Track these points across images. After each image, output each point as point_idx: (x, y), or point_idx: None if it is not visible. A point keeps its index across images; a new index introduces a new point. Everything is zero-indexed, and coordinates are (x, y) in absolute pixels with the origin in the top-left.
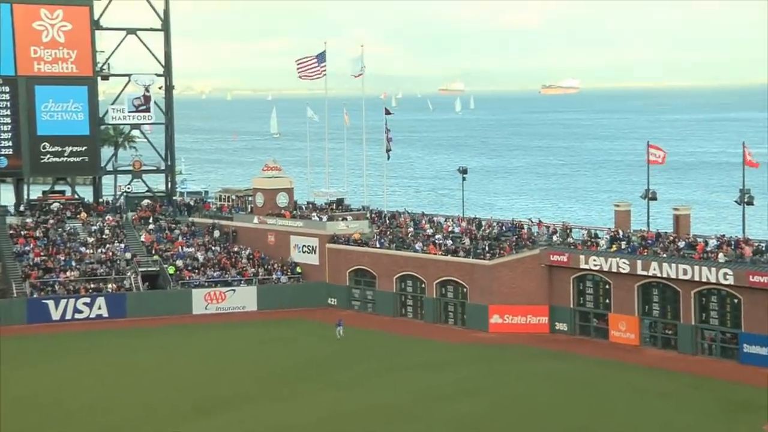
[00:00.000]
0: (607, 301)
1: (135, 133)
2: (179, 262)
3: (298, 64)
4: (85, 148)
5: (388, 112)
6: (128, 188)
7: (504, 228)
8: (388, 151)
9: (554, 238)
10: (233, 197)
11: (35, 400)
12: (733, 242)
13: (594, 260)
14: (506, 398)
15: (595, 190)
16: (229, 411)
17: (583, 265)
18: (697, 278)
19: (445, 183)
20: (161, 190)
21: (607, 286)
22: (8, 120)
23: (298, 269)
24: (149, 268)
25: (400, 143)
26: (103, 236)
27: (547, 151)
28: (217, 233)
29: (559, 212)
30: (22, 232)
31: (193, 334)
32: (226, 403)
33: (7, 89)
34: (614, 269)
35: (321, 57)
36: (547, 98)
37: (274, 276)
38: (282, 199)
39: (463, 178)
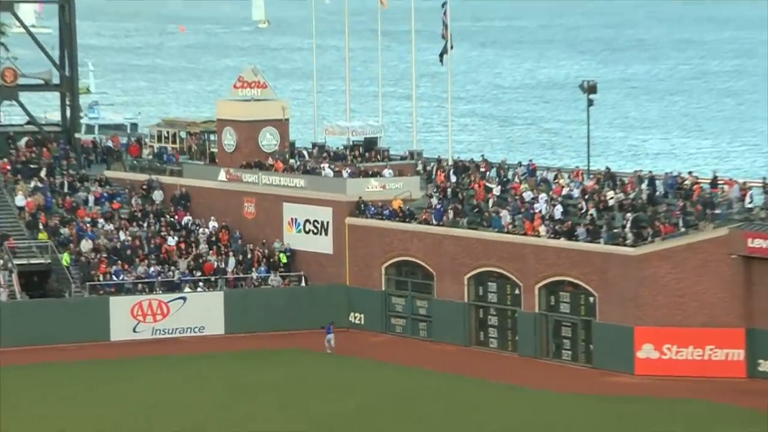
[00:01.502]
0: None
1: (6, 19)
2: (85, 245)
3: None
4: None
5: None
6: None
7: (661, 189)
8: (442, 54)
9: (754, 206)
10: (182, 134)
11: None
12: None
13: None
14: None
15: None
16: None
17: None
18: None
19: (554, 111)
20: (54, 120)
21: None
22: None
23: (282, 258)
24: (32, 259)
25: (474, 39)
26: None
27: (741, 52)
28: (158, 195)
29: (763, 163)
30: None
31: (112, 376)
32: None
33: None
34: None
35: None
36: None
37: (254, 274)
38: (269, 139)
39: (589, 102)
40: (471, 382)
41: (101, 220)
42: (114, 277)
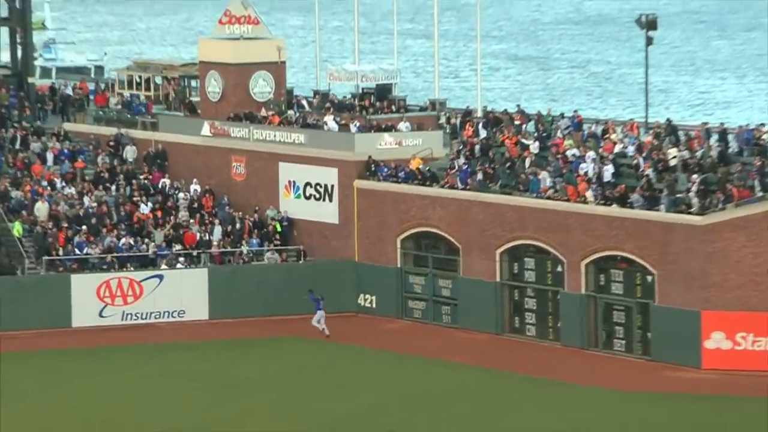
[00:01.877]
0: None
1: None
2: (41, 212)
3: None
4: None
5: None
6: None
7: (734, 145)
8: None
9: None
10: (157, 80)
11: None
12: None
13: None
14: None
15: None
16: None
17: None
18: None
19: (605, 51)
20: (2, 62)
21: None
22: None
23: (277, 227)
24: None
25: None
26: None
27: None
28: (129, 153)
29: None
30: None
31: (75, 370)
32: None
33: None
34: None
35: None
36: None
37: (244, 247)
38: (262, 86)
39: (648, 40)
40: (504, 377)
41: (60, 182)
42: (76, 251)
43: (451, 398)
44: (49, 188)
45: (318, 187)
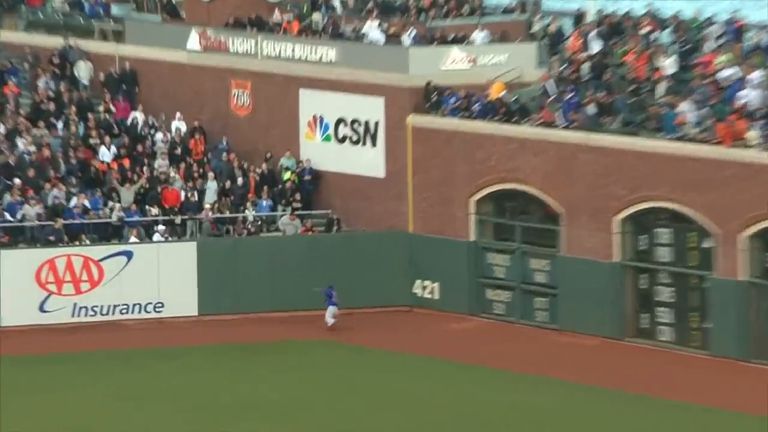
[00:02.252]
0: None
1: None
2: None
3: None
4: None
5: None
6: None
7: None
8: None
9: None
10: None
11: None
12: None
13: None
14: None
15: None
16: None
17: None
18: None
19: None
20: None
21: None
22: None
23: (295, 179)
24: None
25: None
26: None
27: None
28: (83, 73)
29: None
30: None
31: (12, 385)
32: None
33: None
34: None
35: None
36: None
37: (249, 212)
38: None
39: None
40: (623, 399)
41: None
42: (7, 215)
43: (544, 428)
44: None
45: (355, 125)
